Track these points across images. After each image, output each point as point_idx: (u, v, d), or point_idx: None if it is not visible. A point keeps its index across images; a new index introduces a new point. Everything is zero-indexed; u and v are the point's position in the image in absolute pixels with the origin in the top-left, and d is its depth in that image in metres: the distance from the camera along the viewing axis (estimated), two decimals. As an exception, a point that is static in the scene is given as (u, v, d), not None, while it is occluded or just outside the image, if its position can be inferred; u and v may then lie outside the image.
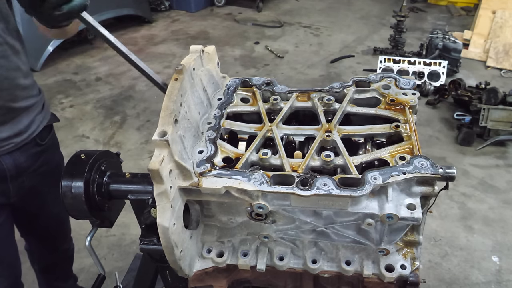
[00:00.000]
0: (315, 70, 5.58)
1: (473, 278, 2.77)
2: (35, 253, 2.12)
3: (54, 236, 2.09)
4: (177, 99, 1.12)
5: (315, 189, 1.04)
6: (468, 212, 3.30)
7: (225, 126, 1.30)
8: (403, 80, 1.39)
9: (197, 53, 1.31)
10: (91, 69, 5.67)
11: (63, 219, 2.04)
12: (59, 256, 2.20)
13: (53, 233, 2.06)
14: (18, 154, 1.61)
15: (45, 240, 2.06)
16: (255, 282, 1.40)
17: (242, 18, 7.32)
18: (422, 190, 1.07)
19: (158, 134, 1.03)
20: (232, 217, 1.22)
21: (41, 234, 2.01)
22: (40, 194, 1.79)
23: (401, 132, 1.21)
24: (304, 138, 1.29)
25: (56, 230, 2.07)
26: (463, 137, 4.03)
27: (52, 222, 1.99)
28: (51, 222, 1.99)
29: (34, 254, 2.13)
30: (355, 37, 6.53)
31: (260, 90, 1.43)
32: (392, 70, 4.90)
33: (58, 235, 2.10)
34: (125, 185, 1.39)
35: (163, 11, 7.62)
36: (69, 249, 2.23)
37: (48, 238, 2.06)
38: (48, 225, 1.98)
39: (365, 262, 1.22)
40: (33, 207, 1.83)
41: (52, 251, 2.14)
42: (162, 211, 1.04)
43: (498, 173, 3.71)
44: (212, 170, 1.12)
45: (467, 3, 7.58)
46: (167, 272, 1.48)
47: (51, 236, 2.06)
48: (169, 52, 6.07)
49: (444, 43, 5.16)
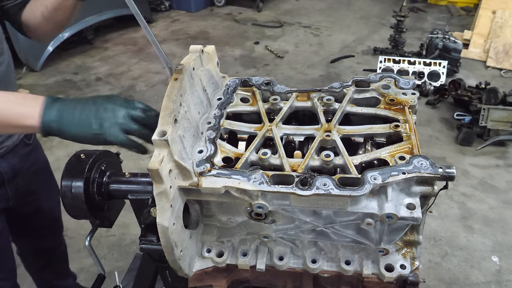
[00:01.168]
0: (315, 70, 5.58)
1: (473, 278, 2.77)
2: (29, 256, 2.13)
3: (49, 234, 2.11)
4: (176, 99, 1.12)
5: (314, 188, 1.04)
6: (468, 212, 3.30)
7: (225, 126, 1.30)
8: (403, 80, 1.39)
9: (196, 53, 1.31)
10: (91, 69, 5.67)
11: (57, 216, 2.07)
12: (55, 254, 2.21)
13: (48, 231, 2.09)
14: (11, 157, 1.63)
15: (40, 239, 2.07)
16: (254, 282, 1.40)
17: (242, 18, 7.32)
18: (422, 190, 1.07)
19: (158, 134, 1.03)
20: (231, 217, 1.22)
21: (36, 234, 2.03)
22: (34, 193, 1.82)
23: (400, 132, 1.21)
24: (303, 138, 1.29)
25: (51, 227, 2.09)
26: (463, 137, 4.03)
27: (47, 220, 2.01)
28: (46, 220, 2.01)
29: (28, 257, 2.13)
30: (355, 37, 6.53)
31: (260, 90, 1.43)
32: (392, 70, 4.90)
33: (52, 232, 2.13)
34: (125, 185, 1.39)
35: (163, 11, 7.62)
36: (62, 244, 2.25)
37: (43, 237, 2.08)
38: (43, 224, 2.01)
39: (365, 262, 1.22)
40: (29, 207, 1.85)
41: (47, 250, 2.15)
42: (161, 211, 1.04)
43: (498, 173, 3.71)
44: (212, 170, 1.12)
45: (467, 3, 7.58)
46: (167, 272, 1.48)
47: (46, 235, 2.09)
48: (169, 52, 6.07)
49: (444, 43, 5.16)
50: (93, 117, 1.04)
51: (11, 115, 1.01)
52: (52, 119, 1.02)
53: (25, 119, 1.01)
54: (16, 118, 1.01)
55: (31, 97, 1.04)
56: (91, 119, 1.03)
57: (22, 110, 1.02)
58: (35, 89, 5.12)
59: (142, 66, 5.62)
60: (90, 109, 1.05)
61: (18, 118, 1.01)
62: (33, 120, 1.02)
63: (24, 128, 1.05)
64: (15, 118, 1.01)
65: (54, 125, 1.02)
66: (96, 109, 1.05)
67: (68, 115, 1.02)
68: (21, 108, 1.02)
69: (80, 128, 1.03)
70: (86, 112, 1.04)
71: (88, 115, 1.04)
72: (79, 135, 1.04)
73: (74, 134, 1.04)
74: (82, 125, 1.03)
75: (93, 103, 1.06)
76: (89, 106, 1.05)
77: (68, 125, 1.02)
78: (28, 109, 1.02)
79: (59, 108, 1.03)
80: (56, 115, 1.02)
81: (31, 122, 1.02)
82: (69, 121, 1.02)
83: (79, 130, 1.04)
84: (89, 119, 1.03)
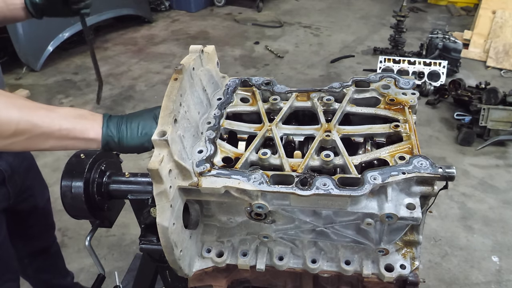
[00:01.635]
0: (315, 70, 5.57)
1: (473, 278, 2.77)
2: (25, 258, 2.13)
3: (43, 232, 2.13)
4: (176, 99, 1.12)
5: (314, 188, 1.04)
6: (468, 212, 3.30)
7: (225, 126, 1.30)
8: (403, 80, 1.39)
9: (196, 53, 1.31)
10: (91, 69, 5.63)
11: (49, 212, 2.10)
12: (49, 252, 2.22)
13: (42, 229, 2.10)
14: (6, 154, 1.65)
15: (35, 238, 2.09)
16: (254, 282, 1.40)
17: (242, 18, 7.32)
18: (422, 190, 1.07)
19: (158, 134, 1.03)
20: (231, 217, 1.22)
21: (31, 234, 2.05)
22: (29, 189, 1.85)
23: (400, 132, 1.21)
24: (303, 138, 1.29)
25: (45, 225, 2.12)
26: (463, 137, 4.03)
27: (41, 217, 2.03)
28: (41, 218, 2.03)
29: (24, 259, 2.14)
30: (355, 37, 6.53)
31: (260, 90, 1.43)
32: (392, 70, 4.90)
33: (46, 229, 2.15)
34: (124, 185, 1.39)
35: (163, 11, 7.62)
36: (55, 242, 2.27)
37: (38, 236, 2.10)
38: (38, 222, 2.03)
39: (365, 262, 1.22)
40: (26, 204, 1.88)
41: (42, 249, 2.16)
42: (161, 210, 1.04)
43: (498, 173, 3.71)
44: (212, 170, 1.12)
45: (467, 3, 7.58)
46: (167, 272, 1.48)
47: (40, 233, 2.10)
48: (169, 52, 6.07)
49: (444, 43, 5.16)
50: (148, 126, 1.12)
51: (75, 128, 1.07)
52: (112, 132, 1.09)
53: (88, 132, 1.08)
54: (80, 131, 1.07)
55: (88, 112, 1.12)
56: (146, 129, 1.12)
57: (85, 124, 1.08)
58: (35, 89, 5.13)
59: (142, 66, 5.62)
60: (144, 119, 1.13)
61: (82, 132, 1.08)
62: (94, 133, 1.09)
63: (86, 141, 1.10)
64: (79, 131, 1.07)
65: (114, 137, 1.10)
66: (146, 118, 1.13)
67: (125, 128, 1.11)
68: (84, 123, 1.09)
69: (137, 138, 1.12)
70: (141, 122, 1.12)
71: (144, 125, 1.12)
72: (137, 144, 1.12)
73: (132, 145, 1.11)
74: (140, 135, 1.12)
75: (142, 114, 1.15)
76: (141, 117, 1.14)
77: (126, 136, 1.10)
78: (90, 123, 1.09)
79: (117, 121, 1.11)
80: (115, 128, 1.10)
81: (93, 135, 1.08)
82: (127, 133, 1.11)
83: (136, 140, 1.11)
84: (144, 129, 1.12)
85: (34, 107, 1.05)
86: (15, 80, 5.30)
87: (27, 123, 1.00)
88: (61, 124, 1.04)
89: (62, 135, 1.05)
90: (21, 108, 1.01)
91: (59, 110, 1.07)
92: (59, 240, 2.35)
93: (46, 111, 1.05)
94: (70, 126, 1.05)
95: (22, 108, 1.02)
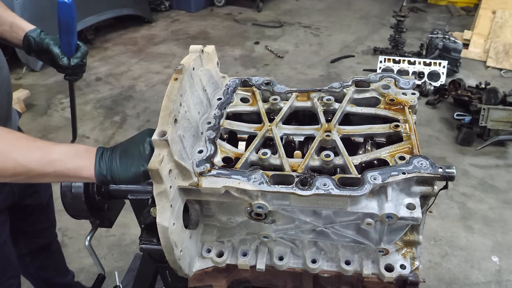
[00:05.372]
0: (315, 70, 5.57)
1: (473, 278, 2.77)
2: (26, 256, 2.13)
3: (46, 228, 2.13)
4: (176, 99, 1.12)
5: (314, 188, 1.04)
6: (468, 212, 3.30)
7: (225, 126, 1.30)
8: (403, 80, 1.39)
9: (196, 53, 1.31)
10: (91, 69, 5.66)
11: (51, 208, 2.10)
12: (51, 250, 2.22)
13: (45, 226, 2.10)
14: None
15: (37, 235, 2.09)
16: (254, 282, 1.40)
17: (242, 18, 7.32)
18: (422, 190, 1.08)
19: (158, 134, 1.03)
20: (231, 217, 1.22)
21: (34, 231, 2.05)
22: (33, 185, 1.84)
23: (400, 132, 1.21)
24: (303, 138, 1.29)
25: (48, 221, 2.11)
26: (463, 137, 4.03)
27: (44, 214, 2.03)
28: (43, 214, 2.03)
29: (26, 257, 2.14)
30: (355, 37, 6.53)
31: (260, 90, 1.43)
32: (392, 70, 4.90)
33: (48, 226, 2.15)
34: (124, 185, 1.39)
35: (163, 11, 7.61)
36: (56, 239, 2.27)
37: (40, 233, 2.10)
38: (41, 218, 2.03)
39: (365, 262, 1.22)
40: (29, 201, 1.87)
41: (43, 246, 2.16)
42: (161, 210, 1.04)
43: (498, 173, 3.71)
44: (212, 170, 1.12)
45: (467, 3, 7.57)
46: (167, 272, 1.48)
47: (43, 230, 2.10)
48: (169, 52, 6.07)
49: (444, 43, 5.16)
50: (135, 165, 1.09)
51: (69, 169, 1.07)
52: (103, 170, 1.08)
53: (82, 172, 1.08)
54: (74, 171, 1.08)
55: (84, 149, 1.11)
56: (134, 168, 1.09)
57: (78, 164, 1.08)
58: (35, 89, 5.12)
59: (142, 66, 5.62)
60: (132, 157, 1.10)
61: (75, 171, 1.08)
62: (88, 172, 1.08)
63: (81, 179, 1.12)
64: (72, 171, 1.08)
65: (107, 176, 1.09)
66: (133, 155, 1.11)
67: (115, 165, 1.09)
68: (77, 162, 1.09)
69: (128, 175, 1.09)
70: (128, 161, 1.10)
71: (132, 164, 1.09)
72: (130, 179, 1.10)
73: (125, 180, 1.10)
74: (129, 172, 1.09)
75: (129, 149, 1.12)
76: (128, 155, 1.11)
77: (117, 173, 1.09)
78: (83, 162, 1.09)
79: (109, 158, 1.10)
80: (106, 166, 1.09)
81: (87, 174, 1.09)
82: (118, 170, 1.09)
83: (128, 176, 1.09)
84: (132, 168, 1.09)
85: (28, 149, 1.07)
86: (15, 80, 5.30)
87: (23, 168, 1.04)
88: (55, 166, 1.06)
89: (58, 175, 1.08)
90: (15, 152, 1.04)
91: (54, 150, 1.08)
92: (59, 240, 2.35)
93: (41, 153, 1.06)
94: (64, 168, 1.07)
95: (17, 151, 1.05)
